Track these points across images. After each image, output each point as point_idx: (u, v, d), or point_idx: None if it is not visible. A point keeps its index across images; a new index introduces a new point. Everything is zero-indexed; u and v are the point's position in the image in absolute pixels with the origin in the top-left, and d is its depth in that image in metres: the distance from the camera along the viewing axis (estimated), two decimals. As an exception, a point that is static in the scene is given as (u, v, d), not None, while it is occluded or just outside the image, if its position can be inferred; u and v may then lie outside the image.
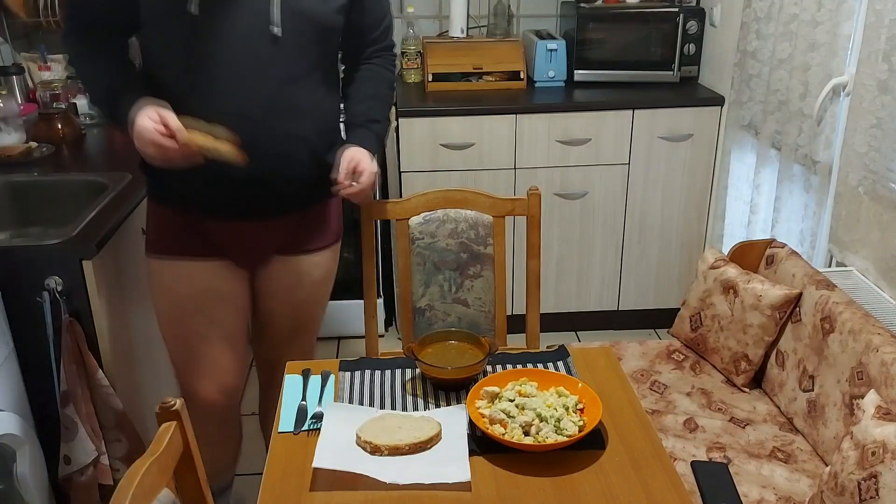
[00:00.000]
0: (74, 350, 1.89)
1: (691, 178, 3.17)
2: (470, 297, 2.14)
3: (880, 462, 1.48)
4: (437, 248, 2.10)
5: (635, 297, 3.36)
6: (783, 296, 2.10)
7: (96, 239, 1.89)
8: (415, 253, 2.11)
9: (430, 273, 2.12)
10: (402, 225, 2.09)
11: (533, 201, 2.10)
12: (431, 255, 2.11)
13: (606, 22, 3.19)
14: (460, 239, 2.11)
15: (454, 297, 2.13)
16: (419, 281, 2.13)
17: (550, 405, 1.48)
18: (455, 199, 2.10)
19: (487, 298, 2.15)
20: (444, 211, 2.12)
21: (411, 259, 2.11)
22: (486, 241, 2.12)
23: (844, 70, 2.26)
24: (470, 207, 2.11)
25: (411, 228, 2.10)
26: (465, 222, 2.10)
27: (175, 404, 1.22)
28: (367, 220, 2.10)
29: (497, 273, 2.13)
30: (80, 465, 1.94)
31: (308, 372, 1.67)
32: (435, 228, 2.10)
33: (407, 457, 1.40)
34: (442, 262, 2.12)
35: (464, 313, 2.15)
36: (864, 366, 1.79)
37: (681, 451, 1.95)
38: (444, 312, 2.15)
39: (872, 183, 2.13)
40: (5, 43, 2.83)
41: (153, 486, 1.12)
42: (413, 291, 2.14)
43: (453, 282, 2.13)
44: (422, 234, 2.11)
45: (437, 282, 2.13)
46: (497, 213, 2.10)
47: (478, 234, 2.11)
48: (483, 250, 2.12)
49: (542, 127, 3.04)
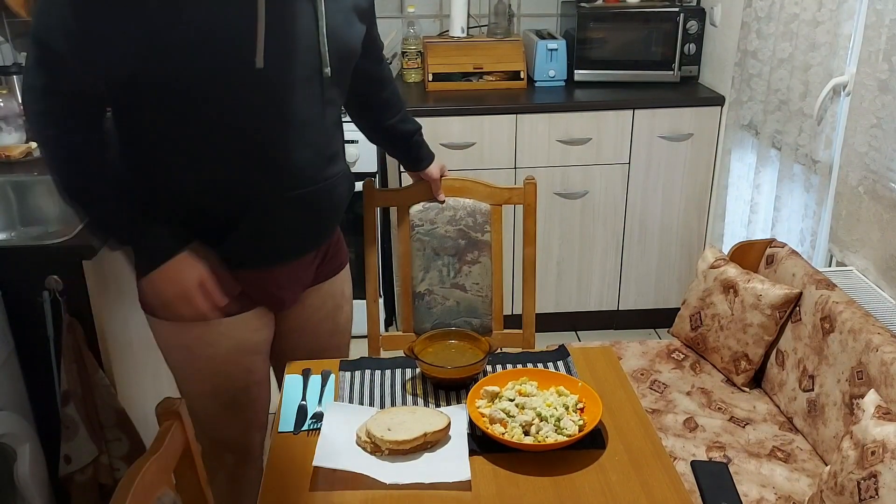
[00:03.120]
0: (75, 350, 1.89)
1: (691, 178, 3.17)
2: (468, 282, 2.19)
3: (880, 462, 1.48)
4: (436, 235, 2.16)
5: (635, 296, 3.36)
6: (783, 295, 2.10)
7: (96, 239, 1.89)
8: (415, 239, 2.17)
9: (430, 259, 2.18)
10: (403, 212, 2.16)
11: (529, 190, 2.16)
12: (431, 241, 2.17)
13: (607, 21, 3.19)
14: (459, 226, 2.16)
15: (452, 282, 2.19)
16: (419, 266, 2.19)
17: (550, 405, 1.48)
18: (454, 188, 2.16)
19: (485, 283, 2.20)
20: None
21: (411, 245, 2.18)
22: (484, 228, 2.17)
23: (845, 70, 2.26)
24: (468, 196, 2.16)
25: (411, 216, 2.16)
26: (463, 210, 2.16)
27: (175, 404, 1.22)
28: (370, 207, 2.16)
29: (494, 259, 2.19)
30: (81, 464, 1.94)
31: (308, 372, 1.68)
32: (434, 215, 2.16)
33: (407, 456, 1.40)
34: (441, 248, 2.18)
35: (462, 298, 2.20)
36: (864, 365, 1.79)
37: (681, 450, 1.95)
38: (442, 297, 2.20)
39: (872, 182, 2.13)
40: (5, 43, 2.83)
41: (153, 485, 1.12)
42: (413, 276, 2.20)
43: (452, 267, 2.19)
44: (421, 221, 2.16)
45: (436, 267, 2.19)
46: (494, 201, 2.16)
47: (475, 221, 2.17)
48: (481, 237, 2.17)
49: (542, 126, 3.04)
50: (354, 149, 2.99)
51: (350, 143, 3.01)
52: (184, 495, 1.27)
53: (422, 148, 2.05)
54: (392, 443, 1.39)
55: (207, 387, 1.68)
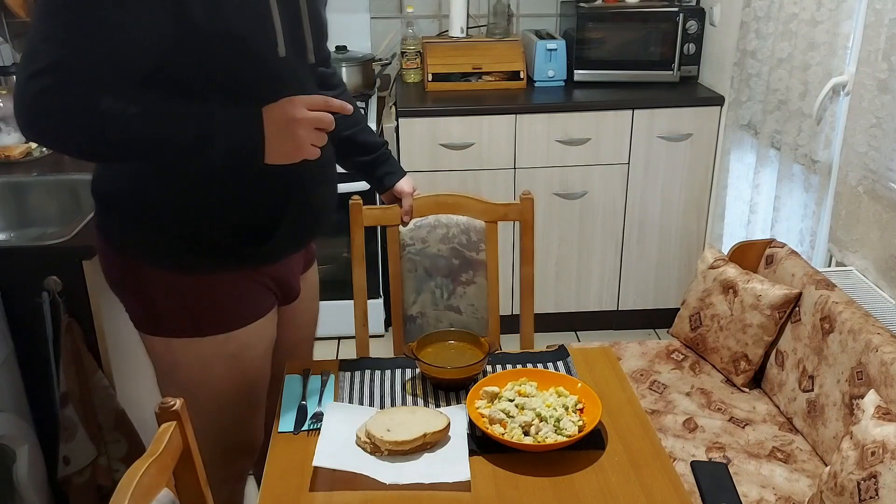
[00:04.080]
0: (74, 350, 1.89)
1: (691, 178, 3.17)
2: (462, 303, 2.09)
3: (880, 462, 1.48)
4: (428, 254, 2.06)
5: (635, 297, 3.36)
6: (783, 295, 2.10)
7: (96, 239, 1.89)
8: (406, 259, 2.06)
9: (422, 279, 2.08)
10: (393, 231, 2.04)
11: (526, 206, 2.04)
12: (423, 261, 2.06)
13: (606, 21, 3.19)
14: (452, 244, 2.06)
15: (446, 303, 2.09)
16: (410, 287, 2.08)
17: (550, 405, 1.48)
18: (446, 204, 2.05)
19: (480, 305, 2.10)
20: (436, 216, 2.07)
21: (402, 265, 2.07)
22: (479, 246, 2.07)
23: (844, 69, 2.26)
24: (462, 212, 2.06)
25: (402, 234, 2.05)
26: (456, 227, 2.05)
27: (175, 404, 1.22)
28: (356, 226, 2.02)
29: (490, 279, 2.09)
30: (80, 465, 1.94)
31: (308, 372, 1.68)
32: (426, 234, 2.06)
33: (407, 456, 1.40)
34: (434, 268, 2.07)
35: (456, 320, 2.11)
36: (864, 366, 1.79)
37: (680, 450, 1.95)
38: (436, 319, 2.11)
39: (872, 182, 2.13)
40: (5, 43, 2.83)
41: (152, 486, 1.12)
42: (405, 298, 2.09)
43: (445, 288, 2.08)
44: (412, 240, 2.05)
45: (428, 288, 2.09)
46: (489, 218, 2.05)
47: (470, 239, 2.06)
48: (476, 256, 2.07)
49: (541, 127, 3.04)
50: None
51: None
52: (183, 496, 1.27)
53: (388, 162, 1.91)
54: (392, 443, 1.39)
55: (244, 389, 1.63)
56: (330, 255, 3.13)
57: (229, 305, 1.54)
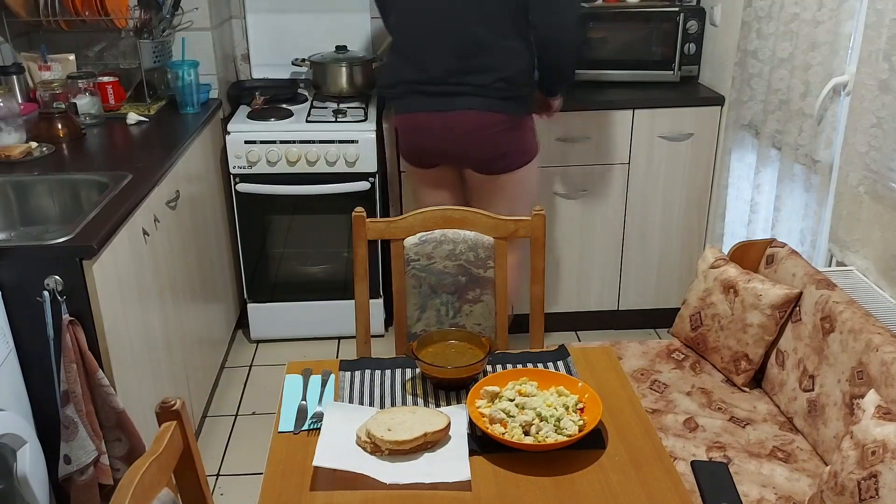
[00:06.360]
0: (74, 350, 1.89)
1: (692, 178, 3.17)
2: (469, 322, 2.03)
3: (880, 462, 1.48)
4: (433, 271, 1.99)
5: (635, 296, 3.36)
6: (783, 295, 2.10)
7: (96, 239, 1.89)
8: (410, 275, 1.99)
9: (427, 297, 2.01)
10: (397, 245, 1.97)
11: (537, 223, 1.95)
12: (428, 277, 2.00)
13: (607, 21, 3.19)
14: (459, 261, 1.99)
15: (452, 322, 2.03)
16: (414, 305, 2.02)
17: (550, 405, 1.48)
18: (454, 219, 1.96)
19: (487, 325, 2.03)
20: (442, 231, 2.00)
21: (406, 282, 1.99)
22: (487, 263, 2.00)
23: (845, 69, 2.26)
24: (469, 228, 1.97)
25: (406, 249, 1.99)
26: (464, 243, 1.99)
27: (175, 404, 1.22)
28: (360, 240, 1.95)
29: (498, 298, 2.00)
30: (81, 464, 1.94)
31: (308, 372, 1.68)
32: (431, 249, 1.99)
33: (407, 456, 1.40)
34: (439, 285, 2.00)
35: None
36: (865, 365, 1.79)
37: (681, 450, 1.95)
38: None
39: (873, 182, 2.13)
40: (5, 43, 2.83)
41: (153, 485, 1.12)
42: (408, 316, 2.02)
43: (451, 306, 2.02)
44: (417, 256, 1.99)
45: (433, 306, 2.02)
46: (498, 234, 1.96)
47: (477, 256, 2.00)
48: (483, 273, 2.01)
49: (542, 126, 3.03)
50: (354, 149, 2.99)
51: (350, 144, 3.02)
52: (184, 496, 1.27)
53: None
54: (392, 443, 1.39)
55: None
56: (330, 254, 3.13)
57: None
